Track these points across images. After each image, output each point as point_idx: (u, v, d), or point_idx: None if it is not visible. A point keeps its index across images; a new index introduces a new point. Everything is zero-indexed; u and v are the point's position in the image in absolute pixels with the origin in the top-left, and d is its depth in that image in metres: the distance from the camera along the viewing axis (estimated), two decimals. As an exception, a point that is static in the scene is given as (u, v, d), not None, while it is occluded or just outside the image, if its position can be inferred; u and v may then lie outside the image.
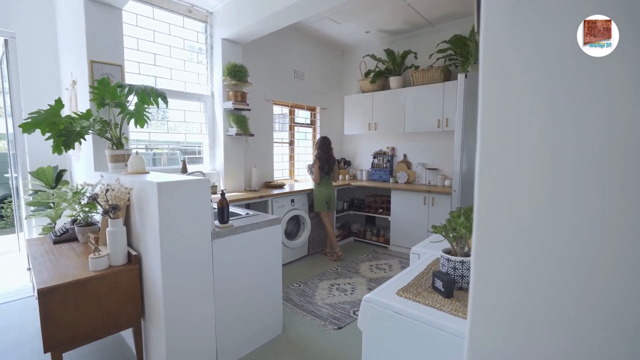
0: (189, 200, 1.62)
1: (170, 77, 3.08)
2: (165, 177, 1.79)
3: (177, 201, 1.57)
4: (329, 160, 3.71)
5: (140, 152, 3.10)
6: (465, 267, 1.10)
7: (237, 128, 3.30)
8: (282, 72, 4.16)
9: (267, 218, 2.11)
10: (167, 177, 1.78)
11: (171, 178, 1.69)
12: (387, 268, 3.55)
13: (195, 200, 1.65)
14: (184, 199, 1.60)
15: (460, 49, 3.57)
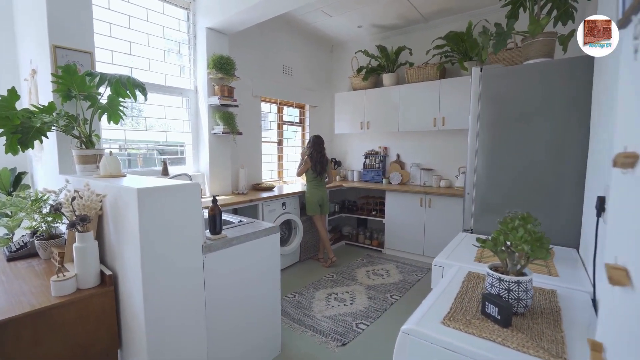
0: (176, 208, 1.37)
1: (148, 69, 2.76)
2: (146, 181, 1.52)
3: (161, 210, 1.31)
4: (321, 161, 3.50)
5: (114, 153, 2.78)
6: (522, 289, 0.92)
7: (224, 126, 3.02)
8: (271, 67, 3.91)
9: (263, 226, 1.87)
10: (149, 181, 1.51)
11: (153, 183, 1.43)
12: (384, 274, 3.39)
13: (184, 208, 1.40)
14: (169, 208, 1.34)
15: (457, 45, 3.46)
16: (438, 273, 1.46)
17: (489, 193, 1.91)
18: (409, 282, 3.19)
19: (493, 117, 1.87)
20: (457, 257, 1.50)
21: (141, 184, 1.41)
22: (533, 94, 1.73)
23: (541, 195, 1.74)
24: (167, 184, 1.38)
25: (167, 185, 1.34)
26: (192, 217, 1.43)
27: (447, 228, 3.52)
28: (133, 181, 1.51)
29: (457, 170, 3.86)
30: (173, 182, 1.42)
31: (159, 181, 1.49)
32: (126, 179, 1.60)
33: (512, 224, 0.97)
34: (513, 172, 1.83)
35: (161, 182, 1.44)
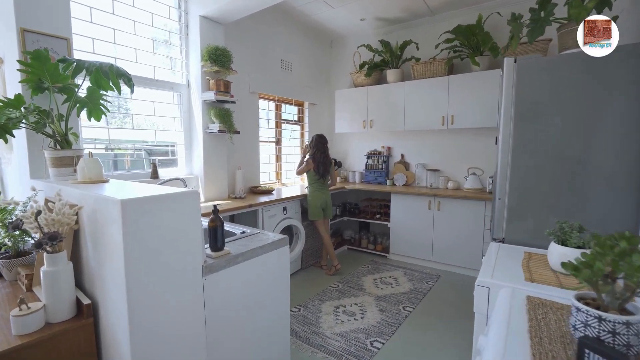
0: (170, 222, 1.11)
1: (135, 60, 2.48)
2: (133, 188, 1.26)
3: (151, 225, 1.06)
4: (325, 162, 3.27)
5: (97, 154, 2.48)
6: (632, 332, 0.71)
7: (220, 124, 2.76)
8: (269, 62, 3.66)
9: (270, 238, 1.62)
10: (136, 189, 1.25)
11: (142, 191, 1.17)
12: (393, 282, 3.18)
13: (179, 222, 1.14)
14: (162, 222, 1.09)
15: (468, 39, 3.27)
16: (483, 295, 1.24)
17: (524, 199, 1.71)
18: (420, 291, 2.98)
19: (529, 114, 1.67)
20: (503, 274, 1.29)
21: (126, 192, 1.15)
22: (581, 86, 1.54)
23: (587, 202, 1.55)
24: (159, 192, 1.12)
25: (158, 195, 1.08)
26: (189, 233, 1.18)
27: (458, 233, 3.33)
28: (116, 189, 1.25)
29: (466, 171, 3.68)
30: (166, 190, 1.16)
31: (148, 188, 1.23)
32: (109, 186, 1.34)
33: (616, 246, 0.76)
34: (553, 175, 1.63)
35: (151, 190, 1.18)
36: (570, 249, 1.24)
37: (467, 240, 3.29)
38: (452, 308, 2.66)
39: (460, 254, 3.34)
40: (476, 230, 3.23)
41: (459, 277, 3.30)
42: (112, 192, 1.16)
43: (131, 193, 1.14)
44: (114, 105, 2.48)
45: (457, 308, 2.66)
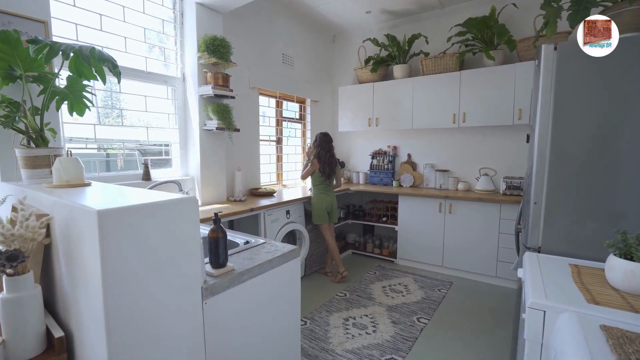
0: (162, 236, 0.90)
1: (124, 50, 2.25)
2: (116, 194, 1.04)
3: (137, 241, 0.84)
4: (330, 162, 3.07)
5: (89, 154, 2.25)
6: None
7: (218, 120, 2.54)
8: (270, 56, 3.44)
9: (280, 250, 1.41)
10: (120, 194, 1.03)
11: (127, 198, 0.96)
12: (403, 290, 2.98)
13: (174, 236, 0.93)
14: (151, 236, 0.87)
15: (481, 32, 3.09)
16: (536, 320, 1.04)
17: (564, 203, 1.52)
18: (433, 299, 2.79)
19: (571, 108, 1.48)
20: (557, 294, 1.09)
21: (107, 199, 0.93)
22: (635, 77, 1.35)
23: (638, 207, 1.37)
24: (148, 199, 0.91)
25: (147, 204, 0.86)
26: (185, 249, 0.96)
27: (471, 237, 3.15)
28: (97, 194, 1.03)
29: (477, 172, 3.49)
30: (156, 197, 0.94)
31: (136, 194, 1.02)
32: (90, 190, 1.12)
33: None
34: (598, 177, 1.44)
35: (139, 196, 0.97)
36: (639, 264, 1.06)
37: (480, 245, 3.11)
38: (470, 319, 2.47)
39: (474, 259, 3.16)
40: (490, 234, 3.05)
41: (472, 283, 3.12)
42: (90, 199, 0.94)
43: (113, 200, 0.92)
44: (104, 101, 2.26)
45: (476, 319, 2.47)
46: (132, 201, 0.87)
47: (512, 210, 2.92)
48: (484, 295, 2.87)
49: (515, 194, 3.10)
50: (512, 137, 3.32)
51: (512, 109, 3.04)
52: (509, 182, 3.14)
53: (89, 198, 0.96)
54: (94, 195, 1.02)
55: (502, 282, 3.04)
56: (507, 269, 2.98)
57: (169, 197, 0.93)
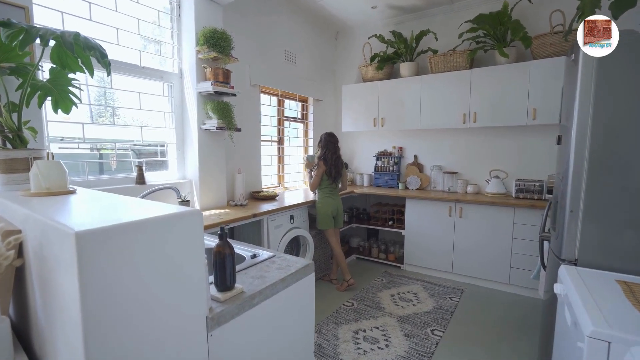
0: (158, 261, 0.73)
1: (116, 42, 2.07)
2: (102, 205, 0.87)
3: (127, 268, 0.67)
4: (336, 163, 2.91)
5: (80, 154, 2.07)
6: None
7: (218, 119, 2.36)
8: (271, 52, 3.27)
9: (293, 266, 1.25)
10: (106, 206, 0.86)
11: (115, 212, 0.79)
12: (413, 298, 2.83)
13: (173, 259, 0.76)
14: (144, 261, 0.70)
15: (494, 29, 2.95)
16: (599, 352, 0.89)
17: (605, 212, 1.38)
18: (445, 309, 2.64)
19: (615, 106, 1.34)
20: (619, 320, 0.95)
21: (91, 214, 0.76)
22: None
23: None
24: (141, 214, 0.74)
25: (140, 221, 0.69)
26: (188, 275, 0.79)
27: (483, 242, 3.01)
28: (80, 207, 0.86)
29: (487, 174, 3.36)
30: (152, 211, 0.77)
31: (127, 206, 0.85)
32: (74, 200, 0.94)
33: None
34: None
35: (130, 209, 0.80)
36: None
37: (492, 251, 2.97)
38: (487, 331, 2.32)
39: (485, 265, 3.02)
40: (503, 240, 2.91)
41: (484, 291, 2.98)
42: (70, 214, 0.77)
43: (99, 216, 0.75)
44: (97, 99, 2.07)
45: (494, 330, 2.33)
46: (122, 217, 0.70)
47: (526, 215, 2.79)
48: (498, 303, 2.73)
49: (529, 197, 2.97)
50: (526, 138, 3.19)
51: (526, 108, 2.90)
52: (522, 185, 3.01)
53: (69, 212, 0.79)
54: (76, 208, 0.85)
55: (516, 290, 2.90)
56: (520, 276, 2.84)
57: (168, 212, 0.76)
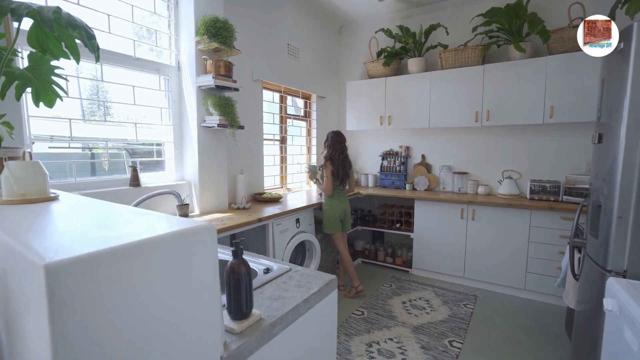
0: (160, 293, 0.56)
1: (107, 30, 1.87)
2: (88, 218, 0.69)
3: (118, 305, 0.50)
4: (344, 164, 2.74)
5: (71, 154, 1.88)
6: None
7: (220, 116, 2.18)
8: (274, 45, 3.10)
9: (314, 282, 1.08)
10: (93, 219, 0.69)
11: (103, 229, 0.61)
12: (426, 306, 2.68)
13: (181, 291, 0.59)
14: (143, 294, 0.53)
15: (509, 22, 2.81)
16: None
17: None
18: (461, 317, 2.50)
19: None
20: None
21: (73, 232, 0.58)
22: None
23: None
24: (136, 233, 0.56)
25: (134, 243, 0.52)
26: (199, 310, 0.62)
27: (497, 246, 2.87)
28: (59, 221, 0.69)
29: (499, 174, 3.23)
30: (153, 228, 0.60)
31: (120, 218, 0.67)
32: (53, 211, 0.77)
33: None
34: None
35: (123, 223, 0.63)
36: None
37: (507, 255, 2.83)
38: (508, 342, 2.18)
39: (499, 270, 2.89)
40: (519, 243, 2.78)
41: (499, 297, 2.84)
42: (45, 230, 0.60)
43: (82, 234, 0.57)
44: (89, 93, 1.88)
45: (515, 341, 2.19)
46: (112, 236, 0.53)
47: (543, 218, 2.66)
48: (515, 311, 2.60)
49: (545, 198, 2.84)
50: (541, 137, 3.06)
51: (543, 106, 2.77)
52: (537, 186, 2.88)
53: (43, 228, 0.62)
54: (55, 222, 0.67)
55: (533, 296, 2.77)
56: (537, 281, 2.71)
57: (172, 228, 0.58)
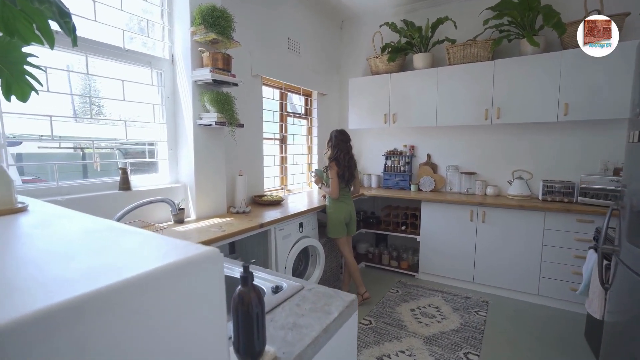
0: (152, 352, 0.40)
1: (93, 18, 1.70)
2: (61, 239, 0.53)
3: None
4: (349, 165, 2.59)
5: (64, 154, 1.71)
6: None
7: (218, 113, 2.02)
8: (274, 39, 2.93)
9: (332, 304, 0.93)
10: (65, 241, 0.52)
11: (69, 266, 0.45)
12: (436, 313, 2.55)
13: (173, 340, 0.43)
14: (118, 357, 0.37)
15: (522, 15, 2.68)
16: None
17: None
18: (474, 325, 2.37)
19: None
20: None
21: (28, 271, 0.42)
22: None
23: None
24: (119, 267, 0.41)
25: (113, 286, 0.36)
26: (199, 357, 0.47)
27: (509, 249, 2.75)
28: (15, 248, 0.52)
29: (509, 175, 3.11)
30: (138, 257, 0.44)
31: (95, 239, 0.52)
32: (15, 229, 0.60)
33: None
34: None
35: (99, 256, 0.47)
36: None
37: (520, 259, 2.71)
38: (528, 353, 2.06)
39: (511, 274, 2.76)
40: (532, 247, 2.66)
41: (511, 303, 2.72)
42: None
43: (43, 269, 0.41)
44: (77, 88, 1.70)
45: (534, 353, 2.06)
46: (79, 275, 0.37)
47: (558, 220, 2.54)
48: (530, 318, 2.47)
49: (558, 200, 2.72)
50: (553, 136, 2.94)
51: (557, 103, 2.65)
52: (550, 187, 2.76)
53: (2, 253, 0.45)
54: (11, 249, 0.51)
55: (547, 302, 2.65)
56: (551, 286, 2.60)
57: (166, 260, 0.43)
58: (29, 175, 1.80)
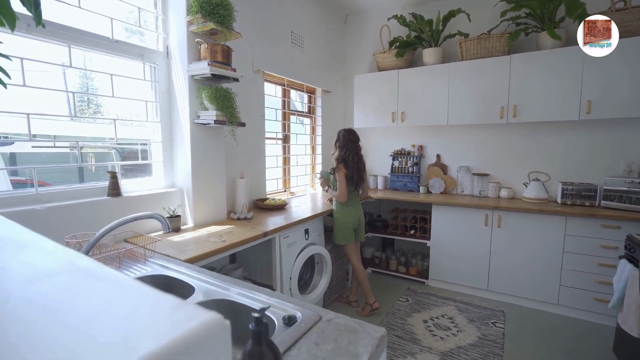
0: None
1: (77, 4, 1.52)
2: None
3: None
4: (358, 167, 2.43)
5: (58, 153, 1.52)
6: None
7: (217, 111, 1.84)
8: (277, 33, 2.75)
9: (360, 343, 0.77)
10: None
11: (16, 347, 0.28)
12: (450, 325, 2.39)
13: None
14: None
15: (541, 7, 2.52)
16: None
17: None
18: (492, 339, 2.21)
19: None
20: None
21: None
22: None
23: None
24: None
25: None
26: None
27: (526, 256, 2.59)
28: None
29: (525, 177, 2.94)
30: (105, 327, 0.27)
31: (50, 291, 0.34)
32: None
33: None
34: None
35: (48, 329, 0.29)
36: None
37: (538, 266, 2.56)
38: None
39: (529, 282, 2.60)
40: (552, 254, 2.50)
41: (529, 313, 2.56)
42: None
43: None
44: (81, 86, 1.52)
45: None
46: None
47: (581, 225, 2.38)
48: (551, 330, 2.32)
49: (579, 203, 2.56)
50: (573, 135, 2.78)
51: (579, 101, 2.49)
52: (570, 190, 2.60)
53: None
54: None
55: (568, 312, 2.50)
56: (572, 296, 2.44)
57: (144, 349, 0.26)
58: (22, 175, 1.64)
